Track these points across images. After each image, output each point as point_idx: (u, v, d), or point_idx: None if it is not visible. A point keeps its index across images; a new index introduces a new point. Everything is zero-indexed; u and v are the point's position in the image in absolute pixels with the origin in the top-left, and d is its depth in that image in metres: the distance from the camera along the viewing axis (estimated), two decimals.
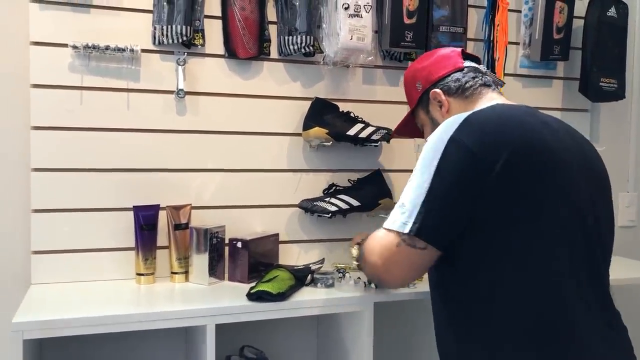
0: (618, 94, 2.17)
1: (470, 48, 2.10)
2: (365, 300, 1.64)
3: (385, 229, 1.23)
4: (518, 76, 2.22)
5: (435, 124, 1.37)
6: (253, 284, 1.65)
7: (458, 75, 1.43)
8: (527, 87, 2.25)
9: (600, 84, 2.14)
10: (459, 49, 1.51)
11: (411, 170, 2.04)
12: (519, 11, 2.17)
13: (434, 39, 1.99)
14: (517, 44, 2.20)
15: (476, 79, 1.42)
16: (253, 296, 1.56)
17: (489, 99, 1.38)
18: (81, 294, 1.63)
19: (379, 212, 1.97)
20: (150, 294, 1.68)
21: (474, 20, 2.13)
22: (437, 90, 1.44)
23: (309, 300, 1.61)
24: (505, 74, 2.10)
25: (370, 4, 1.85)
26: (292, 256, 1.96)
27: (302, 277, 1.71)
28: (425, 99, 1.48)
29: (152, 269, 1.75)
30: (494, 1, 2.05)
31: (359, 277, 1.76)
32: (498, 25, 2.02)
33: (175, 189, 1.82)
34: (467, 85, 1.41)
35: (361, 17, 1.84)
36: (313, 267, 1.80)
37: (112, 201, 1.76)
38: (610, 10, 2.14)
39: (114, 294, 1.65)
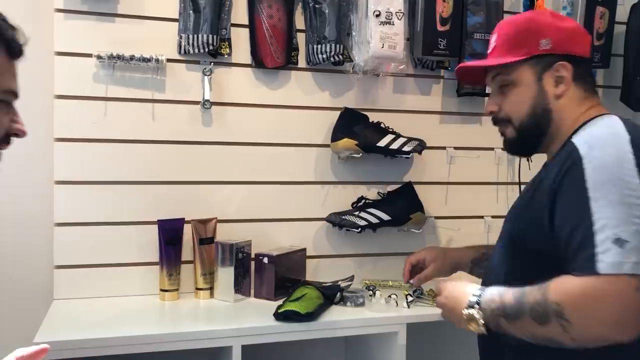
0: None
1: None
2: (398, 321, 1.57)
3: (602, 274, 0.95)
4: None
5: (538, 96, 1.20)
6: (280, 302, 1.59)
7: (588, 66, 1.25)
8: None
9: None
10: None
11: (443, 183, 1.94)
12: None
13: (469, 46, 1.91)
14: None
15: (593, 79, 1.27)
16: (280, 316, 1.49)
17: (601, 108, 1.23)
18: (104, 310, 1.58)
19: (411, 227, 1.89)
20: (175, 312, 1.63)
21: None
22: (568, 65, 1.20)
23: (339, 320, 1.55)
24: None
25: (402, 11, 1.78)
26: (320, 272, 1.89)
27: (331, 295, 1.65)
28: (545, 63, 1.21)
29: (177, 284, 1.70)
30: (531, 7, 1.97)
31: (389, 295, 1.68)
32: None
33: (200, 202, 1.77)
34: (591, 81, 1.24)
35: (393, 24, 1.77)
36: (342, 284, 1.73)
37: (136, 215, 1.72)
38: None
39: (137, 311, 1.60)
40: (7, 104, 0.88)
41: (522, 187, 2.02)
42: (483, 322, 1.11)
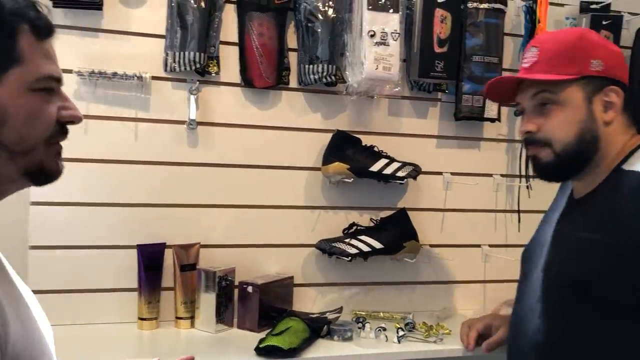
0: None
1: None
2: (387, 358, 1.48)
3: None
4: None
5: (586, 120, 1.12)
6: (263, 335, 1.50)
7: (629, 93, 1.18)
8: None
9: None
10: None
11: (439, 210, 1.87)
12: None
13: (467, 69, 1.84)
14: None
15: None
16: (262, 351, 1.41)
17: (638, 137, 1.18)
18: (79, 339, 1.50)
19: (404, 256, 1.81)
20: (153, 342, 1.54)
21: (510, 48, 1.98)
22: (620, 90, 1.14)
23: (324, 357, 1.46)
24: None
25: (397, 32, 1.71)
26: (308, 301, 1.81)
27: (317, 328, 1.56)
28: (595, 85, 1.14)
29: (156, 312, 1.62)
30: (532, 30, 1.90)
31: (379, 329, 1.60)
32: None
33: (183, 226, 1.69)
34: (633, 109, 1.18)
35: (388, 45, 1.70)
36: (330, 316, 1.65)
37: (114, 238, 1.64)
38: None
39: (113, 341, 1.52)
40: (49, 91, 0.77)
41: (521, 215, 1.97)
42: None
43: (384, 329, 1.60)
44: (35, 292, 1.55)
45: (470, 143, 1.97)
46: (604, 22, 1.95)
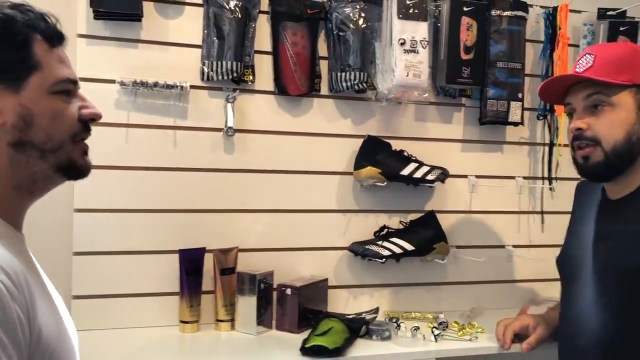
0: None
1: (527, 84, 2.01)
2: (428, 356, 1.52)
3: None
4: None
5: (635, 123, 1.21)
6: (303, 335, 1.55)
7: None
8: None
9: None
10: None
11: (465, 212, 1.92)
12: (577, 46, 2.07)
13: (491, 75, 1.90)
14: None
15: None
16: (309, 351, 1.45)
17: None
18: (122, 342, 1.53)
19: (435, 257, 1.86)
20: (196, 345, 1.58)
21: (530, 55, 2.04)
22: None
23: (367, 356, 1.50)
24: None
25: (427, 40, 1.77)
26: (341, 302, 1.85)
27: (356, 328, 1.60)
28: None
29: (197, 316, 1.66)
30: (552, 36, 1.96)
31: (414, 328, 1.64)
32: (559, 61, 1.92)
33: (220, 231, 1.73)
34: None
35: (417, 52, 1.76)
36: (367, 317, 1.69)
37: (155, 244, 1.68)
38: None
39: (157, 344, 1.55)
40: (67, 93, 0.83)
41: (545, 216, 2.03)
42: None
43: (418, 328, 1.65)
44: (79, 297, 1.62)
45: (493, 147, 2.03)
46: (621, 29, 2.01)
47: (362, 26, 1.76)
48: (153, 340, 1.58)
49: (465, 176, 1.99)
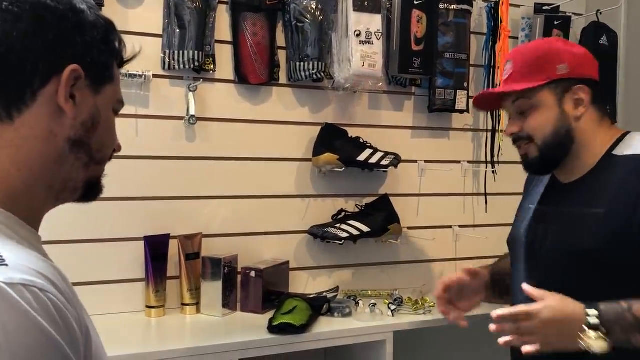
0: (611, 119, 2.23)
1: (472, 74, 2.14)
2: (386, 329, 1.63)
3: None
4: None
5: (560, 118, 1.29)
6: (269, 316, 1.62)
7: (600, 89, 1.33)
8: None
9: None
10: None
11: (415, 195, 1.97)
12: (517, 38, 2.22)
13: (440, 65, 2.02)
14: None
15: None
16: (276, 329, 1.52)
17: (618, 129, 1.36)
18: None
19: (389, 238, 1.97)
20: (163, 330, 1.62)
21: (475, 46, 2.16)
22: (586, 88, 1.29)
23: (330, 331, 1.59)
24: None
25: (380, 31, 1.86)
26: (301, 283, 1.93)
27: (318, 306, 1.69)
28: (564, 86, 1.29)
29: (163, 300, 1.70)
30: (494, 29, 2.10)
31: (372, 305, 1.74)
32: (500, 52, 2.06)
33: (185, 217, 1.77)
34: (604, 104, 1.34)
35: (372, 43, 1.84)
36: (328, 295, 1.78)
37: (120, 231, 1.70)
38: (602, 39, 2.22)
39: (124, 329, 1.58)
40: (116, 115, 0.84)
41: (488, 197, 2.18)
42: (608, 340, 1.11)
43: (375, 305, 1.75)
44: None
45: (441, 133, 2.15)
46: (555, 22, 2.17)
47: (320, 17, 1.83)
48: (120, 326, 1.61)
49: (415, 161, 2.11)
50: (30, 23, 0.71)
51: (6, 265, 0.61)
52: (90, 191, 0.83)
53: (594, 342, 1.11)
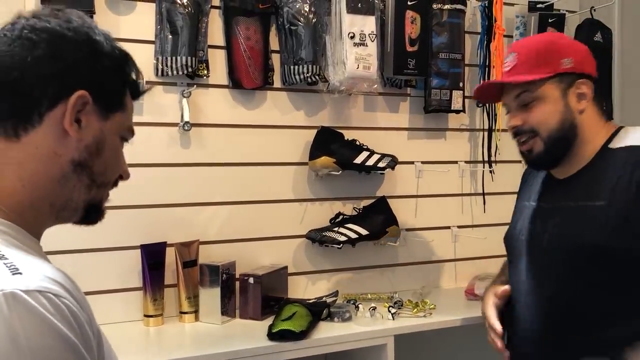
0: (607, 116, 2.23)
1: (467, 74, 2.13)
2: (387, 333, 1.62)
3: None
4: None
5: (564, 111, 1.29)
6: (267, 322, 1.60)
7: (597, 86, 1.34)
8: None
9: None
10: None
11: (412, 196, 1.90)
12: (511, 36, 2.21)
13: (434, 65, 2.01)
14: None
15: None
16: (276, 335, 1.51)
17: (613, 123, 1.38)
18: None
19: (388, 240, 1.96)
20: (162, 339, 1.60)
21: (469, 46, 2.16)
22: (589, 82, 1.31)
23: (331, 336, 1.58)
24: None
25: (374, 33, 1.85)
26: (300, 288, 1.92)
27: (318, 312, 1.67)
28: (568, 80, 1.30)
29: (161, 309, 1.68)
30: (488, 28, 2.09)
31: (372, 308, 1.73)
32: (495, 51, 2.05)
33: (181, 224, 1.76)
34: (600, 101, 1.36)
35: (366, 45, 1.83)
36: (328, 300, 1.77)
37: (116, 240, 1.68)
38: (596, 35, 2.21)
39: (123, 338, 1.56)
40: (124, 142, 0.87)
41: (486, 197, 2.17)
42: None
43: (375, 308, 1.74)
44: None
45: (437, 134, 2.14)
46: (549, 20, 2.16)
47: (313, 20, 1.82)
48: (118, 336, 1.57)
49: (412, 162, 2.10)
50: (46, 51, 0.75)
51: (21, 273, 0.65)
52: (91, 214, 0.86)
53: None
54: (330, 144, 1.87)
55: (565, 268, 1.28)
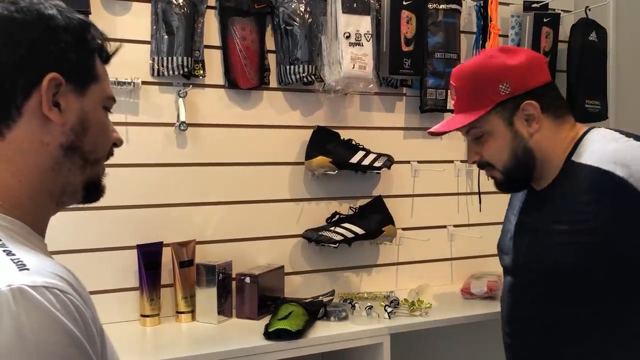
0: (601, 115, 2.24)
1: None
2: (384, 332, 1.62)
3: None
4: None
5: (514, 139, 1.24)
6: (264, 321, 1.61)
7: (553, 89, 1.27)
8: None
9: (586, 105, 2.20)
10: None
11: (409, 195, 1.88)
12: (507, 36, 2.21)
13: (430, 65, 2.01)
14: None
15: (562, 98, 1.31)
16: (272, 335, 1.51)
17: (578, 124, 1.29)
18: None
19: (384, 239, 1.96)
20: (159, 339, 1.61)
21: (465, 45, 2.16)
22: (534, 102, 1.22)
23: (327, 335, 1.58)
24: None
25: (370, 33, 1.85)
26: (297, 288, 1.92)
27: (314, 311, 1.68)
28: (510, 107, 1.23)
29: (157, 309, 1.68)
30: (484, 27, 2.09)
31: (369, 307, 1.73)
32: None
33: (178, 224, 1.76)
34: (561, 103, 1.28)
35: (362, 45, 1.84)
36: (324, 299, 1.77)
37: (113, 240, 1.68)
38: (591, 35, 2.22)
39: (119, 339, 1.54)
40: (108, 111, 0.84)
41: (482, 196, 2.17)
42: None
43: (372, 307, 1.74)
44: None
45: None
46: (544, 20, 2.17)
47: (309, 20, 1.82)
48: (115, 336, 1.55)
49: (408, 162, 2.10)
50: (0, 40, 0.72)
51: (27, 269, 0.65)
52: (91, 192, 0.85)
53: None
54: (326, 144, 1.87)
55: (539, 288, 1.27)
